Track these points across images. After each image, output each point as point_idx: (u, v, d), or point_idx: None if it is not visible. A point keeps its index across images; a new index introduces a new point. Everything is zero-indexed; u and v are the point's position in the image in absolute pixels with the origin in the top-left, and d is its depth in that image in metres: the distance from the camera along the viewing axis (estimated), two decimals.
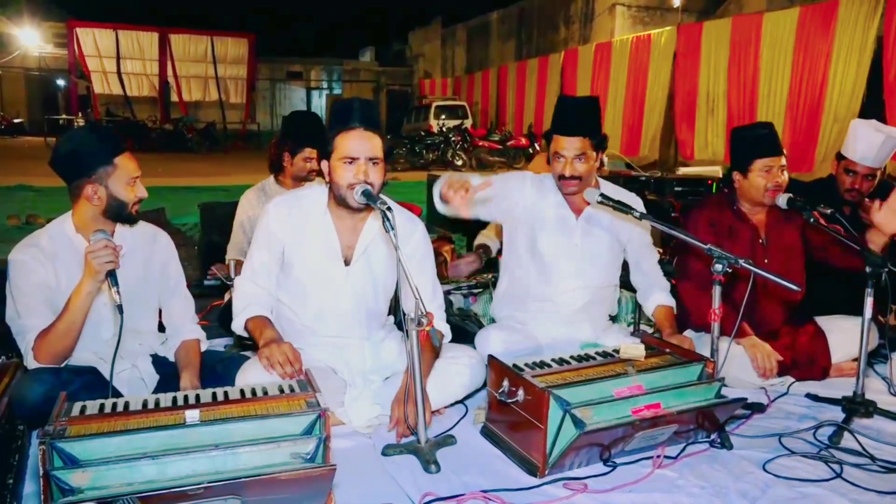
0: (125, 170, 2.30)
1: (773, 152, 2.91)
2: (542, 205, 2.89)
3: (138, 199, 2.36)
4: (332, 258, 2.46)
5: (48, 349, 2.23)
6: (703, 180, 5.99)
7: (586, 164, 2.73)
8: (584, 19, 18.66)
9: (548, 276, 2.89)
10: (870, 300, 2.44)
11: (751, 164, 2.94)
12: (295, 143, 3.67)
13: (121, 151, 2.31)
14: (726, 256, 2.29)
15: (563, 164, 2.74)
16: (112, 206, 2.32)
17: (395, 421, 2.34)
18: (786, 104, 10.38)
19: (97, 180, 2.27)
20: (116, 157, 2.29)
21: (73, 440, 1.65)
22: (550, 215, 2.88)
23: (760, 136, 2.96)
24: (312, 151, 3.60)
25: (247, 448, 1.72)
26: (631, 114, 14.25)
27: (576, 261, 2.87)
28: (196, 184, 11.20)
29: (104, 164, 2.27)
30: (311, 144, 3.59)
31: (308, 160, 3.65)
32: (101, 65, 22.64)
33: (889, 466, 2.22)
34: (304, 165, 3.67)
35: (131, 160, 2.33)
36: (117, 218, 2.35)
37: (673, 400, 2.23)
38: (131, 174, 2.32)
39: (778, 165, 2.90)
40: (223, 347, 3.25)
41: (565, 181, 2.77)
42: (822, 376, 2.98)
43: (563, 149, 2.73)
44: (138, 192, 2.36)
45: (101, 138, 2.31)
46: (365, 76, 31.08)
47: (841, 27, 9.46)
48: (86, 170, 2.26)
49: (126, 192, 2.32)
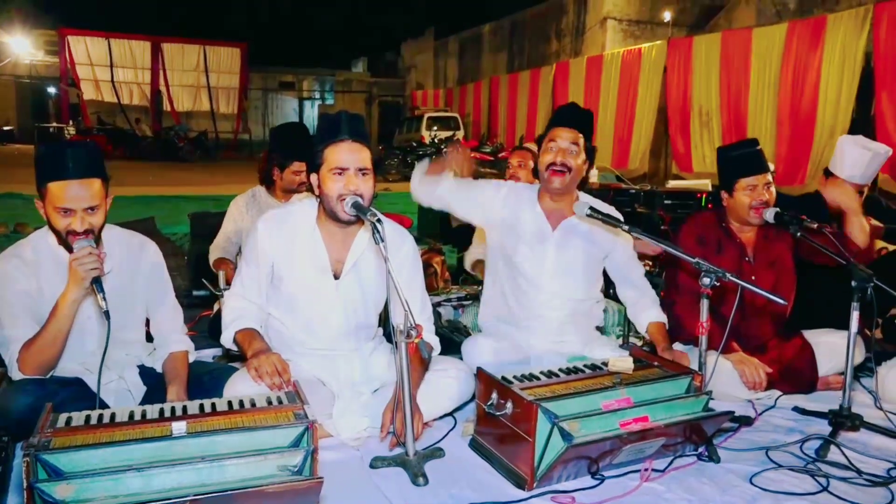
0: (52, 196, 2.17)
1: (757, 170, 2.94)
2: (519, 214, 2.88)
3: (71, 230, 2.18)
4: (322, 272, 2.46)
5: (33, 360, 2.21)
6: (693, 193, 6.03)
7: (576, 159, 2.74)
8: (576, 32, 18.81)
9: (525, 288, 2.89)
10: (856, 314, 2.46)
11: (735, 183, 2.96)
12: (283, 156, 3.69)
13: (63, 177, 2.15)
14: (714, 270, 2.31)
15: (556, 153, 2.73)
16: (53, 229, 2.25)
17: (386, 430, 2.34)
18: (776, 118, 10.48)
19: (42, 199, 2.22)
20: (50, 181, 2.16)
21: (57, 452, 1.64)
22: (527, 227, 2.87)
23: (743, 155, 2.98)
24: (301, 165, 3.61)
25: (234, 460, 1.71)
26: (621, 127, 14.34)
27: (551, 274, 2.85)
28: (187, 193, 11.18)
29: (40, 185, 2.19)
30: (300, 157, 3.60)
31: (297, 173, 3.66)
32: (92, 73, 22.62)
33: (875, 480, 2.23)
34: (294, 178, 3.68)
35: (65, 189, 2.15)
36: (64, 244, 2.24)
37: (661, 413, 2.23)
38: (56, 203, 2.17)
39: (762, 183, 2.93)
40: (212, 358, 3.24)
41: (554, 171, 2.73)
42: (810, 390, 3.00)
43: (558, 137, 2.74)
44: (74, 223, 2.18)
45: (48, 156, 2.19)
46: (357, 87, 31.16)
47: (829, 42, 9.57)
48: (37, 185, 2.21)
49: (54, 219, 2.20)
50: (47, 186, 2.18)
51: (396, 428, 2.27)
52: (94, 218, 2.22)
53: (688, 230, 3.12)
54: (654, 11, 17.44)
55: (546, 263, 2.85)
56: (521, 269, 2.87)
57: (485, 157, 16.31)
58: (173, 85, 23.58)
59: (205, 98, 24.20)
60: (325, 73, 32.22)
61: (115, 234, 2.47)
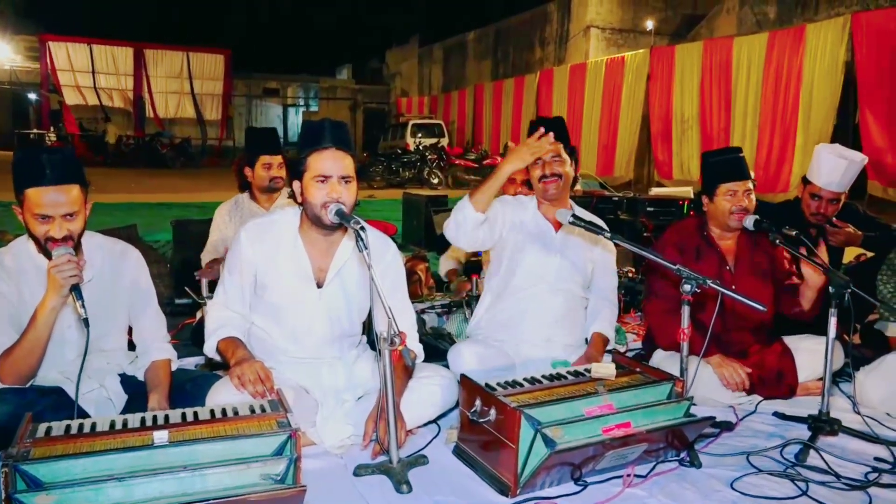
0: (30, 203, 2.16)
1: (738, 177, 2.98)
2: (524, 217, 3.00)
3: (50, 236, 2.17)
4: (304, 281, 2.46)
5: (12, 368, 2.19)
6: (675, 201, 6.09)
7: (563, 166, 2.89)
8: (559, 40, 18.95)
9: (525, 282, 2.95)
10: (833, 320, 2.49)
11: (716, 188, 3.01)
12: (250, 153, 3.76)
13: (40, 183, 2.13)
14: (695, 277, 2.33)
15: (542, 166, 2.88)
16: (32, 237, 2.25)
17: (368, 438, 2.34)
18: (758, 126, 10.60)
19: (20, 205, 2.21)
20: (28, 188, 2.15)
21: (37, 462, 1.63)
22: (531, 227, 2.99)
23: (725, 160, 3.03)
24: (269, 157, 3.71)
25: (216, 469, 1.71)
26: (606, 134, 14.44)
27: (556, 269, 2.96)
28: (169, 200, 11.11)
29: (18, 192, 2.18)
30: (266, 151, 3.71)
31: (267, 167, 3.73)
32: (74, 79, 22.39)
33: (853, 484, 2.26)
34: (264, 174, 3.72)
35: (43, 195, 2.14)
36: (43, 251, 2.23)
37: (643, 419, 2.25)
38: (34, 210, 2.16)
39: (743, 189, 2.97)
40: (194, 366, 3.22)
41: (546, 181, 2.89)
42: (790, 395, 3.03)
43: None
44: (52, 230, 2.17)
45: (24, 162, 2.17)
46: (342, 94, 31.13)
47: (809, 51, 9.71)
48: (15, 192, 2.20)
49: (32, 225, 2.19)
50: (25, 193, 2.17)
51: (379, 436, 2.28)
52: (72, 224, 2.21)
53: (667, 238, 3.17)
54: (637, 20, 17.62)
55: (551, 257, 2.95)
56: (525, 263, 2.95)
57: (469, 164, 16.37)
58: (156, 91, 23.42)
59: (188, 105, 24.04)
60: (309, 80, 32.14)
61: (97, 242, 2.45)
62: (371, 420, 2.34)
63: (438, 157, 16.28)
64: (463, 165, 16.38)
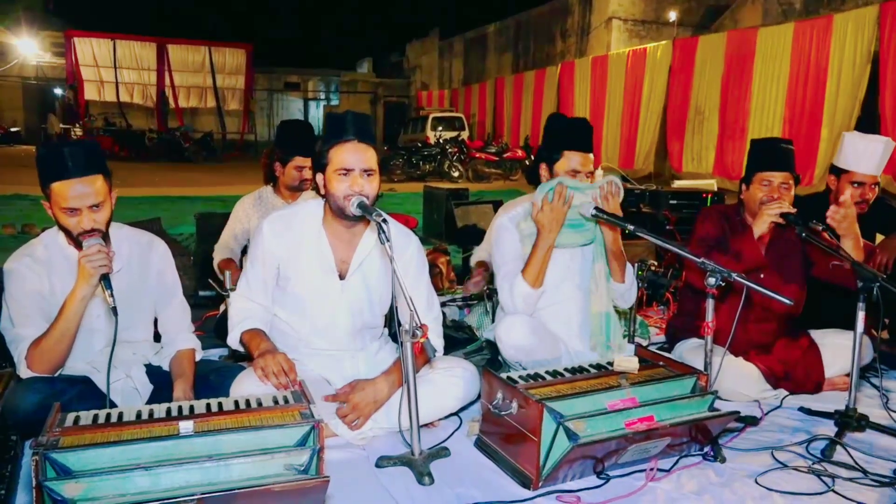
0: (58, 197, 2.19)
1: (776, 167, 2.92)
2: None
3: (82, 230, 2.21)
4: (327, 273, 2.47)
5: (42, 357, 2.23)
6: (699, 193, 6.02)
7: (593, 176, 2.91)
8: (581, 32, 18.80)
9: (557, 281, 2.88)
10: (861, 314, 2.45)
11: (753, 176, 2.97)
12: (284, 151, 3.68)
13: (64, 177, 2.17)
14: (719, 270, 2.31)
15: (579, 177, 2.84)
16: (62, 228, 2.29)
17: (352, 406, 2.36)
18: (782, 118, 10.44)
19: (48, 199, 2.24)
20: (53, 182, 2.18)
21: (66, 451, 1.65)
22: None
23: (768, 148, 2.98)
24: (303, 160, 3.61)
25: (240, 459, 1.72)
26: (627, 127, 14.34)
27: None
28: (193, 194, 11.22)
29: (44, 186, 2.22)
30: (301, 153, 3.61)
31: (299, 169, 3.65)
32: (98, 74, 22.65)
33: (881, 480, 2.23)
34: (295, 174, 3.67)
35: (68, 188, 2.17)
36: (74, 242, 2.26)
37: (666, 413, 2.23)
38: (61, 204, 2.19)
39: (779, 182, 2.91)
40: (218, 358, 3.25)
41: None
42: (816, 390, 2.99)
43: (580, 165, 2.83)
44: (83, 223, 2.20)
45: (48, 157, 2.20)
46: (362, 87, 31.18)
47: (837, 42, 9.54)
48: (41, 187, 2.23)
49: (62, 219, 2.23)
50: (51, 187, 2.20)
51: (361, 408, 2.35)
52: (99, 215, 2.24)
53: (707, 212, 3.14)
54: (660, 11, 17.42)
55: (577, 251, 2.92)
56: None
57: (490, 157, 16.32)
58: (179, 86, 23.62)
59: (210, 99, 24.23)
60: (330, 74, 32.23)
61: (124, 233, 2.49)
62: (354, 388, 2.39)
63: (459, 151, 16.24)
64: (483, 158, 16.34)
